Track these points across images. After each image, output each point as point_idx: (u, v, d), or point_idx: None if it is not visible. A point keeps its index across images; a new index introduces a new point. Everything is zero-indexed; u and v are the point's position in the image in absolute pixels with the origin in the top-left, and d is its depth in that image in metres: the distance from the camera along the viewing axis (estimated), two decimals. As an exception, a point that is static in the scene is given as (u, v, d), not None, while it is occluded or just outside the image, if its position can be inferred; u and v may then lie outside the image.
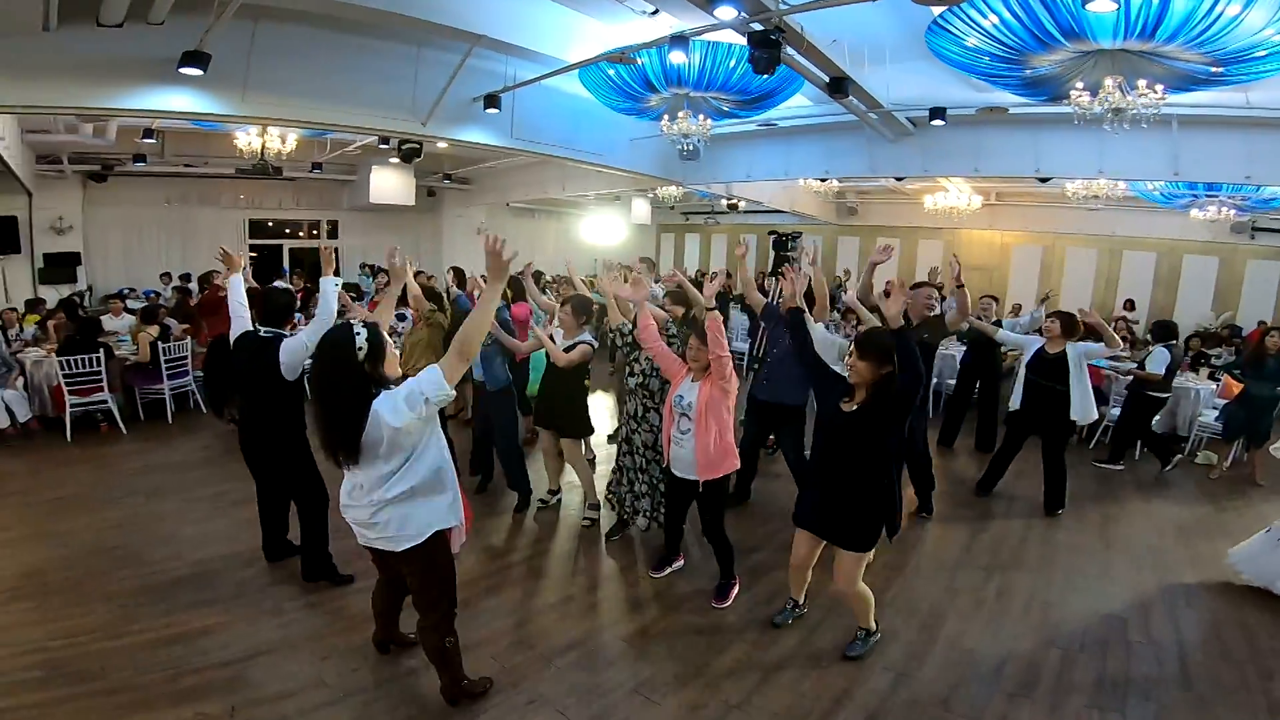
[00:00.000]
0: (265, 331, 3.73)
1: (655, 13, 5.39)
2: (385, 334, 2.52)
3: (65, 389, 6.17)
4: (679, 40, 4.69)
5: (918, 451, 4.79)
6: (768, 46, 4.23)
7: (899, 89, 6.56)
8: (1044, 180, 8.45)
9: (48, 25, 4.51)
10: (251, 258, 12.03)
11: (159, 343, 6.77)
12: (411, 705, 2.74)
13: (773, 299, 5.89)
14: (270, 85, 5.68)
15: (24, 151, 8.17)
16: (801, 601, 3.41)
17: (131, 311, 8.19)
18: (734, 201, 13.32)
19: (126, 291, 9.48)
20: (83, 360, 6.19)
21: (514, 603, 3.58)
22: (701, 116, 6.57)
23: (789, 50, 4.99)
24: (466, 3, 5.48)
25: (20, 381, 6.31)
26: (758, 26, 4.36)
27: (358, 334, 2.36)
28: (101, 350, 6.35)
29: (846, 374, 2.92)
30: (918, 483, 4.85)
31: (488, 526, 4.56)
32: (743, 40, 4.55)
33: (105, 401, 6.37)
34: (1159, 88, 4.54)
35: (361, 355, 2.34)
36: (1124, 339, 9.77)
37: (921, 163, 7.77)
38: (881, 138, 7.69)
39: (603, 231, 16.53)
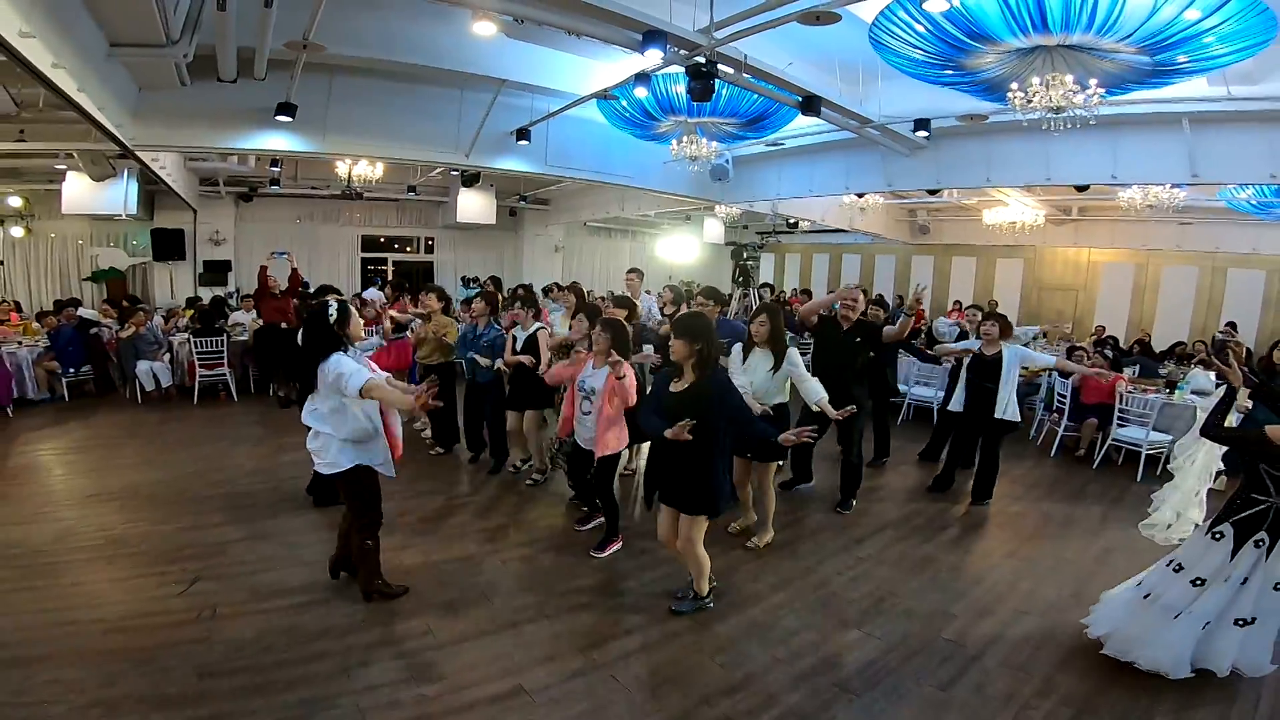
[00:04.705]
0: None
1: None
2: (354, 310, 3.49)
3: (196, 364, 8.00)
4: (641, 78, 5.46)
5: (850, 459, 5.07)
6: (700, 78, 4.88)
7: (902, 104, 6.82)
8: (1081, 189, 8.14)
9: (184, 82, 6.11)
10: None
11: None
12: (322, 577, 3.71)
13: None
14: (344, 127, 7.13)
15: (187, 176, 10.46)
16: (706, 595, 3.63)
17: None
18: (792, 220, 13.62)
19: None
20: (208, 342, 8.03)
21: (444, 529, 4.50)
22: (703, 140, 7.24)
23: (748, 77, 5.61)
24: (493, 54, 6.60)
25: (167, 357, 8.23)
26: (701, 60, 5.03)
27: (329, 304, 3.39)
28: (224, 335, 8.18)
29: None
30: (844, 481, 5.13)
31: (461, 479, 5.57)
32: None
33: (224, 375, 8.16)
34: (1093, 83, 4.61)
35: (332, 319, 3.33)
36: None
37: (935, 175, 7.87)
38: (895, 153, 7.91)
39: (678, 250, 17.30)
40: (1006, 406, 5.01)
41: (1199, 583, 3.01)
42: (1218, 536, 3.03)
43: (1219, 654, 3.02)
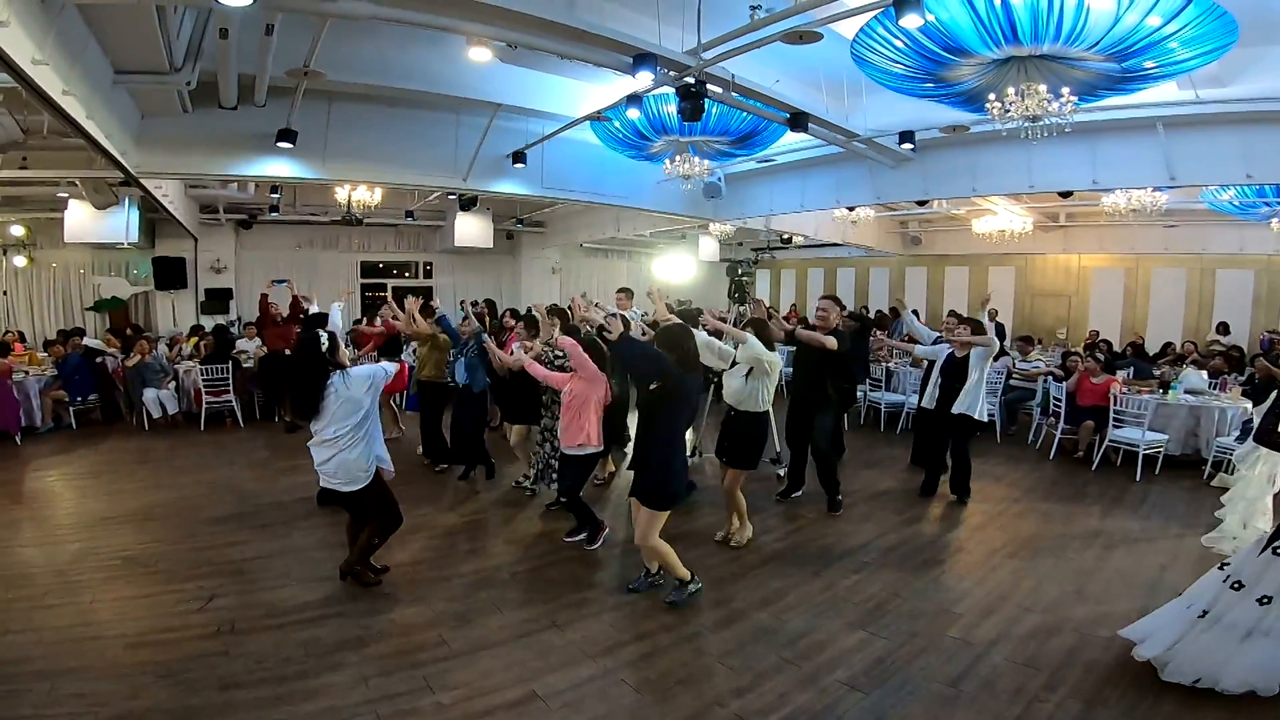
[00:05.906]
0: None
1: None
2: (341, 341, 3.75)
3: (203, 391, 8.07)
4: (633, 99, 5.63)
5: (819, 451, 5.23)
6: (690, 98, 5.04)
7: (887, 117, 7.01)
8: (1064, 195, 8.32)
9: (186, 108, 6.27)
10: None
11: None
12: (336, 591, 3.80)
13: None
14: (343, 152, 7.28)
15: (188, 204, 10.59)
16: (654, 571, 3.88)
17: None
18: (786, 236, 13.81)
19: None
20: (216, 369, 8.10)
21: (452, 544, 4.59)
22: (695, 158, 7.41)
23: (736, 95, 5.79)
24: (488, 79, 6.77)
25: (172, 385, 8.32)
26: (690, 80, 5.20)
27: (322, 334, 3.69)
28: (231, 363, 8.26)
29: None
30: (823, 483, 5.27)
31: (463, 495, 5.67)
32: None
33: (230, 401, 8.22)
34: (1065, 91, 4.78)
35: (324, 348, 3.60)
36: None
37: (923, 186, 8.05)
38: (883, 166, 8.09)
39: (673, 269, 17.44)
40: (970, 404, 5.21)
41: (1266, 601, 2.85)
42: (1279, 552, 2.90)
43: None
